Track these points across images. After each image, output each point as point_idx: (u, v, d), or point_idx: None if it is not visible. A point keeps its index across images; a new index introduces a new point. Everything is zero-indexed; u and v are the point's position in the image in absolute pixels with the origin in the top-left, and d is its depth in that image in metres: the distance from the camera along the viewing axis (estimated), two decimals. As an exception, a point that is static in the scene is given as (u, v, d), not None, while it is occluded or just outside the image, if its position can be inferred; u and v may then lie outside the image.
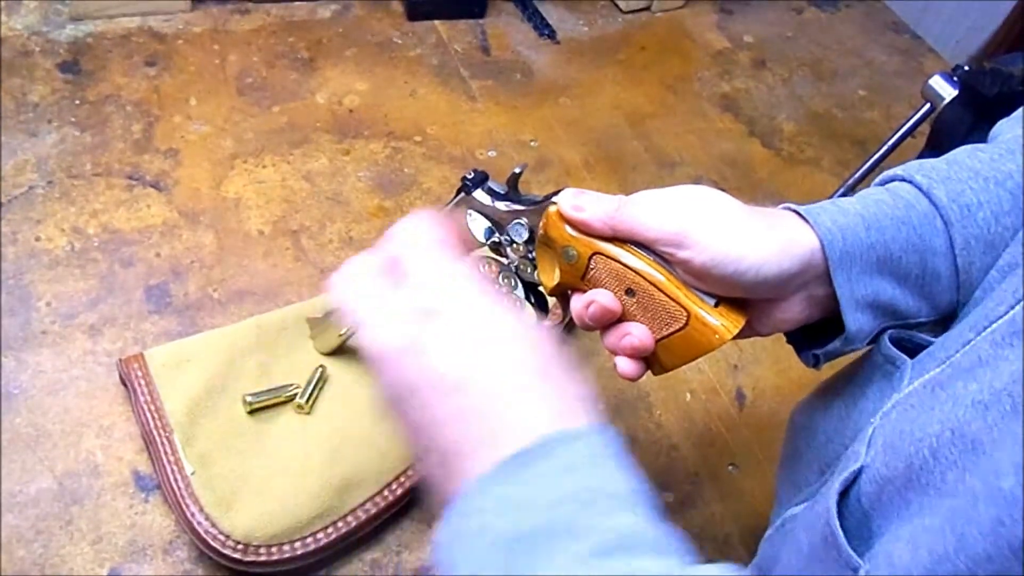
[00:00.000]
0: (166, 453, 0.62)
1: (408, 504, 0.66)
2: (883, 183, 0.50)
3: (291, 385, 0.67)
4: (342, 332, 0.67)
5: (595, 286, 0.47)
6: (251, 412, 0.65)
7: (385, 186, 0.89)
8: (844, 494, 0.40)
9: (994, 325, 0.38)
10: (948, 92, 0.84)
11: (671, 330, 0.45)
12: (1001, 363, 0.35)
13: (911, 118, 0.88)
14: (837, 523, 0.38)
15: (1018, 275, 0.40)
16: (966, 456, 0.34)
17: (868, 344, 0.49)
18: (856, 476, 0.40)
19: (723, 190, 0.46)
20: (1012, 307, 0.38)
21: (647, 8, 1.21)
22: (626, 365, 0.47)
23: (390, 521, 0.65)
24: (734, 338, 0.46)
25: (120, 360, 0.68)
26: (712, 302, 0.45)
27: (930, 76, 0.85)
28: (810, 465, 0.51)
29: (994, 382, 0.35)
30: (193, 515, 0.60)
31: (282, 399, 0.66)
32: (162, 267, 0.78)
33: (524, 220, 0.50)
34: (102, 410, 0.67)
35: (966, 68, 0.83)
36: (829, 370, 0.52)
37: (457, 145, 0.96)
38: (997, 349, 0.36)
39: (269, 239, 0.82)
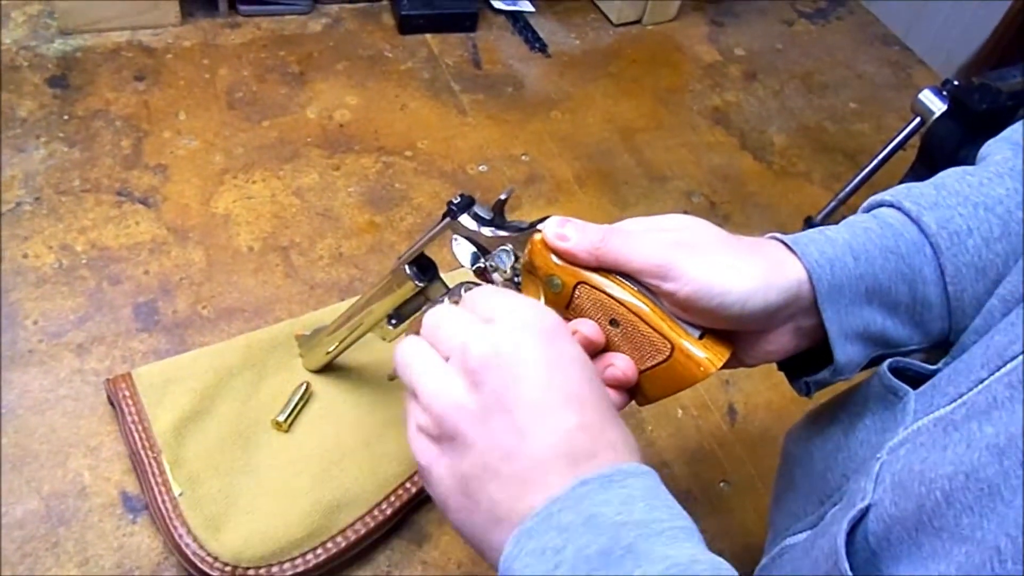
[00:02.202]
0: (154, 474, 0.62)
1: (398, 524, 0.66)
2: (870, 208, 0.49)
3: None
4: (330, 350, 0.67)
5: (579, 315, 0.47)
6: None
7: (376, 201, 0.89)
8: (851, 530, 0.39)
9: (1008, 365, 0.37)
10: (937, 107, 0.84)
11: (655, 362, 0.45)
12: (1017, 406, 0.34)
13: (901, 132, 0.89)
14: (847, 564, 0.37)
15: None
16: (982, 501, 0.33)
17: (861, 370, 0.48)
18: (863, 514, 0.39)
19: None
20: None
21: (638, 21, 1.21)
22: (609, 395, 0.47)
23: (380, 541, 0.65)
24: (719, 370, 0.45)
25: (108, 380, 0.67)
26: (697, 334, 0.45)
27: (920, 91, 0.86)
28: (808, 495, 0.50)
29: (1010, 426, 0.34)
30: (181, 536, 0.59)
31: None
32: (151, 284, 0.77)
33: (509, 247, 0.49)
34: (89, 430, 0.67)
35: (955, 83, 0.84)
36: (821, 395, 0.52)
37: (448, 160, 0.95)
38: (1012, 391, 0.35)
39: (259, 255, 0.82)
